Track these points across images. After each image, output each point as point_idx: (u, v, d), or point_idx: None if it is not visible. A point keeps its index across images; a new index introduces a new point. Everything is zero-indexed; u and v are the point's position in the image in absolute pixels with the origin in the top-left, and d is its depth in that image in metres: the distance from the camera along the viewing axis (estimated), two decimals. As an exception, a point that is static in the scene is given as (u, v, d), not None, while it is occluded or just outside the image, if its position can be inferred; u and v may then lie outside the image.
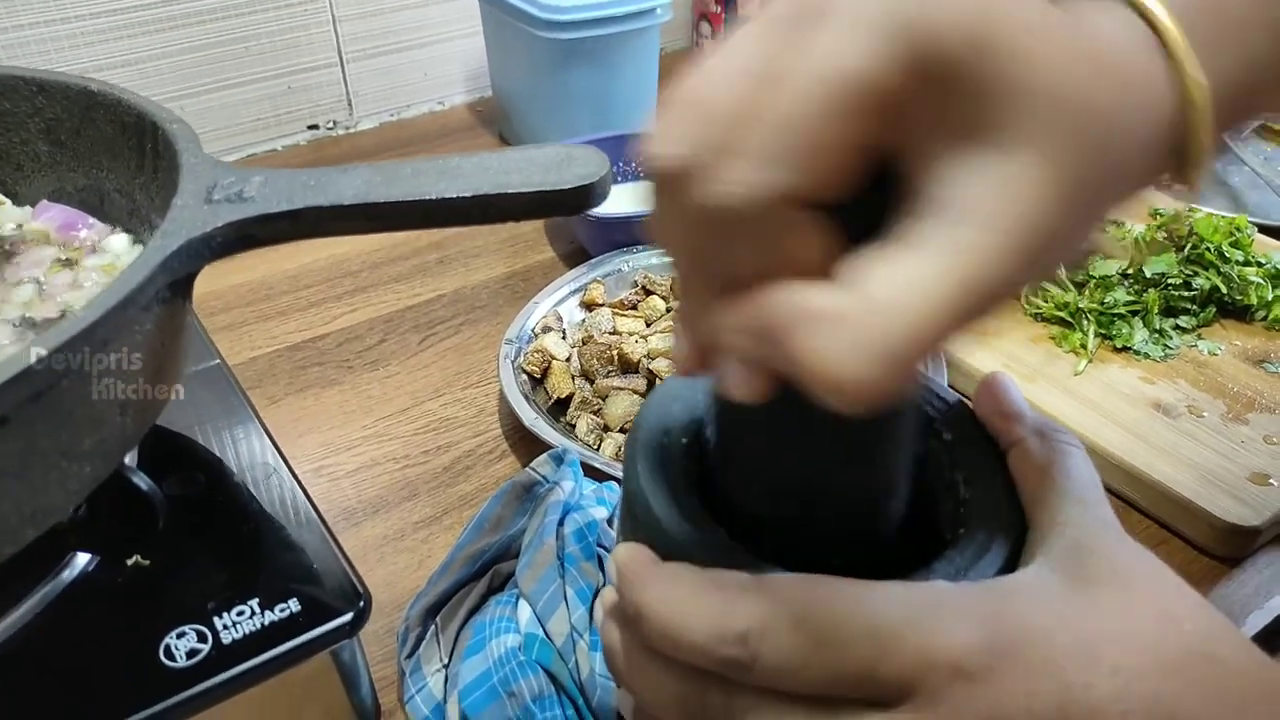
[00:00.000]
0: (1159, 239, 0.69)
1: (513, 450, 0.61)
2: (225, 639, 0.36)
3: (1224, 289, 0.67)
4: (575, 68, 0.88)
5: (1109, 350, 0.65)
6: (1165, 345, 0.65)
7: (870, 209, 0.22)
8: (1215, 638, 0.26)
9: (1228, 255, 0.68)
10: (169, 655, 0.35)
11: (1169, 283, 0.67)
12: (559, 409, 0.62)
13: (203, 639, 0.36)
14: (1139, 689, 0.24)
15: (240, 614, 0.37)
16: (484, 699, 0.40)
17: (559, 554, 0.43)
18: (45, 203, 0.47)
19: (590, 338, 0.65)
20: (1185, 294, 0.67)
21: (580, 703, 0.39)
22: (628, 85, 0.91)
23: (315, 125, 1.04)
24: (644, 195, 0.23)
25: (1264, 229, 0.75)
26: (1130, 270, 0.68)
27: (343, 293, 0.77)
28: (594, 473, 0.53)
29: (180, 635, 0.36)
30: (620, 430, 0.59)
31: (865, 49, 0.20)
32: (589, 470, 0.52)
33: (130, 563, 0.39)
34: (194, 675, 0.35)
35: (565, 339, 0.67)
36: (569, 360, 0.65)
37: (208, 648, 0.36)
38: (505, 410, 0.63)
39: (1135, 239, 0.69)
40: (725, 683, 0.26)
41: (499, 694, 0.39)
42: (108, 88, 0.44)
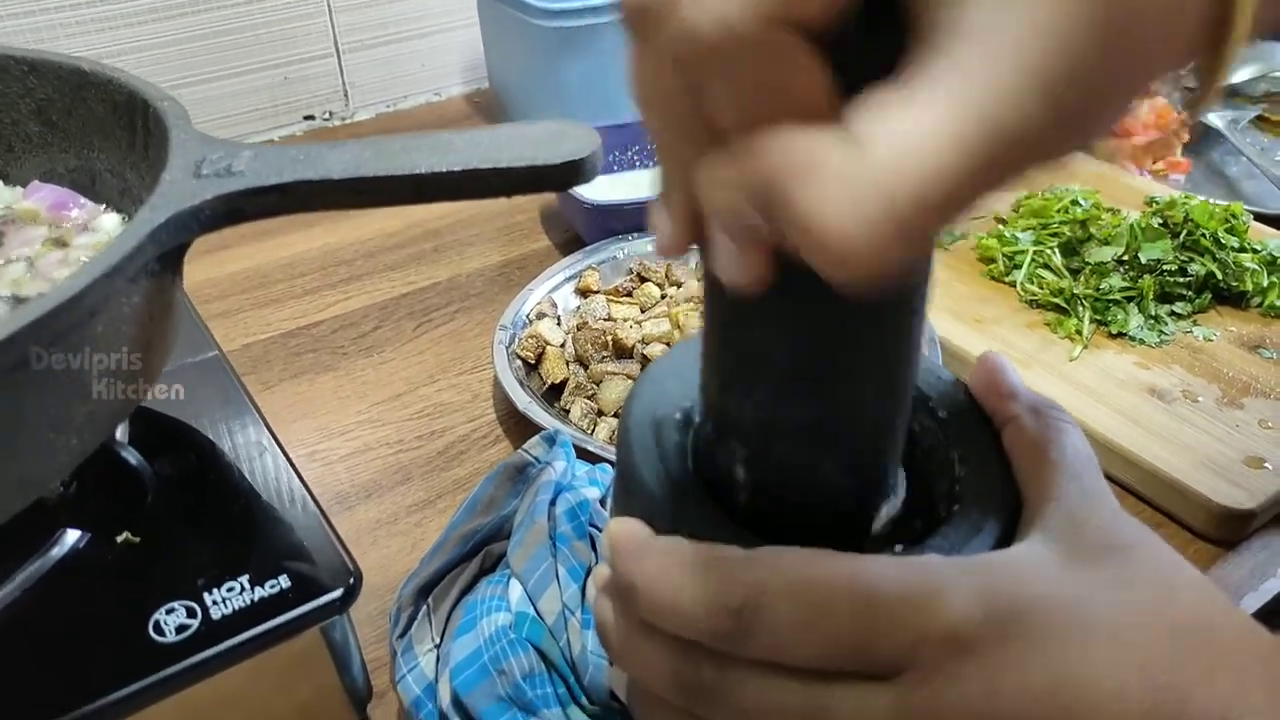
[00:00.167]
0: (1154, 225, 0.68)
1: (506, 435, 0.61)
2: (215, 614, 0.36)
3: (1220, 275, 0.67)
4: (572, 57, 0.88)
5: (1104, 336, 0.65)
6: (1160, 331, 0.65)
7: (870, 40, 0.19)
8: (1211, 609, 0.26)
9: (1223, 241, 0.68)
10: (158, 630, 0.35)
11: (1164, 269, 0.67)
12: (553, 394, 0.62)
13: (192, 615, 0.36)
14: (1135, 660, 0.24)
15: (230, 590, 0.37)
16: (475, 677, 0.39)
17: (550, 533, 0.43)
18: (36, 183, 0.46)
19: (585, 323, 0.65)
20: (1181, 280, 0.67)
21: (571, 680, 0.39)
22: (622, 75, 0.91)
23: (311, 116, 1.04)
24: (624, 45, 0.20)
25: (1259, 217, 0.74)
26: (1126, 256, 0.68)
27: (337, 280, 0.77)
28: (588, 456, 0.53)
29: (170, 611, 0.36)
30: (614, 415, 0.59)
31: None
32: (583, 454, 0.52)
33: (120, 539, 0.39)
34: (183, 650, 0.35)
35: (560, 325, 0.67)
36: (563, 346, 0.65)
37: (197, 623, 0.36)
38: (499, 396, 0.63)
39: (1131, 226, 0.69)
40: (719, 656, 0.26)
41: (490, 672, 0.39)
42: (99, 67, 0.44)
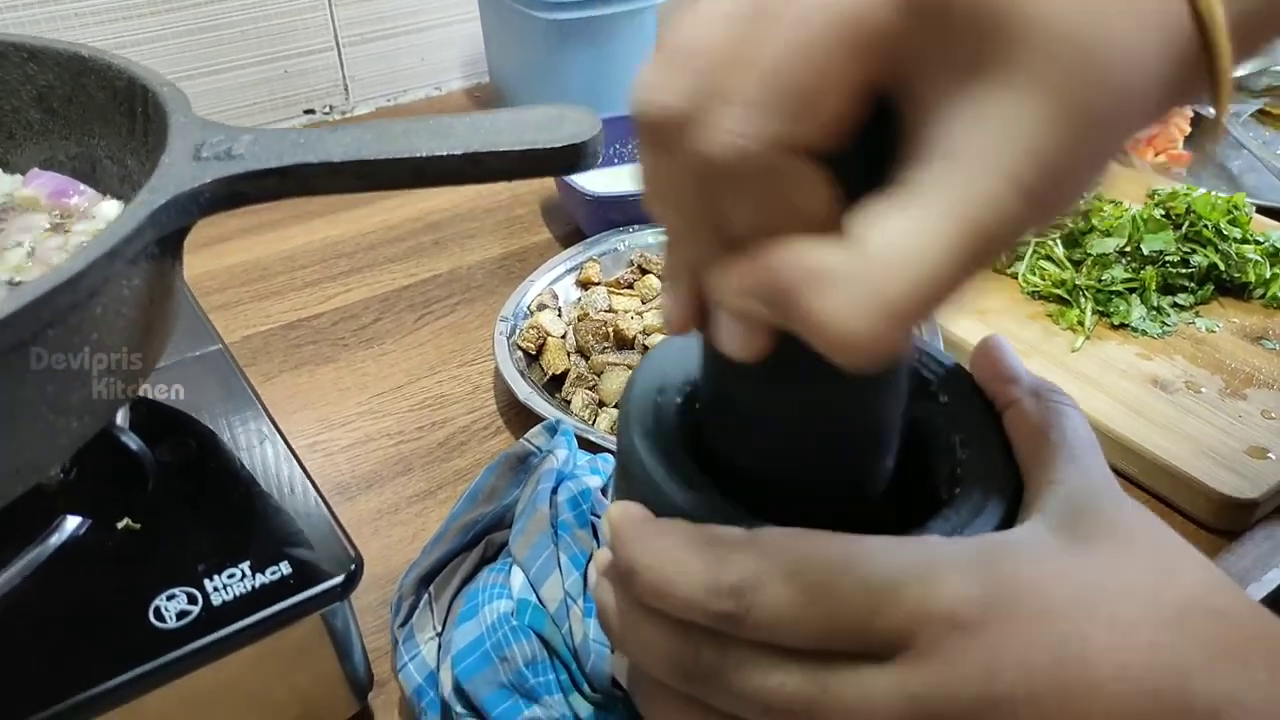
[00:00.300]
0: (1156, 217, 0.68)
1: (507, 426, 0.61)
2: (215, 600, 0.36)
3: (1222, 266, 0.67)
4: (572, 49, 0.88)
5: (1106, 327, 0.65)
6: (1163, 322, 0.65)
7: (869, 154, 0.22)
8: (1214, 590, 0.26)
9: (1226, 233, 0.68)
10: (159, 616, 0.35)
11: (1167, 260, 0.67)
12: (554, 385, 0.62)
13: (193, 600, 0.36)
14: (1137, 640, 0.24)
15: (231, 576, 0.37)
16: (477, 664, 0.39)
17: (552, 521, 0.43)
18: (36, 170, 0.46)
19: (586, 315, 0.64)
20: (1183, 271, 0.67)
21: (574, 667, 0.39)
22: (625, 66, 0.91)
23: (311, 109, 1.03)
24: (634, 148, 0.23)
25: (1262, 209, 0.74)
26: (1128, 248, 0.68)
27: (338, 273, 0.77)
28: (589, 446, 0.53)
29: (170, 597, 0.36)
30: (615, 406, 0.59)
31: None
32: (584, 444, 0.52)
33: (121, 526, 0.38)
34: (184, 636, 0.35)
35: (561, 317, 0.67)
36: (564, 337, 0.65)
37: (198, 609, 0.36)
38: (500, 387, 0.63)
39: (1133, 217, 0.69)
40: (719, 638, 0.26)
41: (492, 659, 0.39)
42: (98, 53, 0.44)
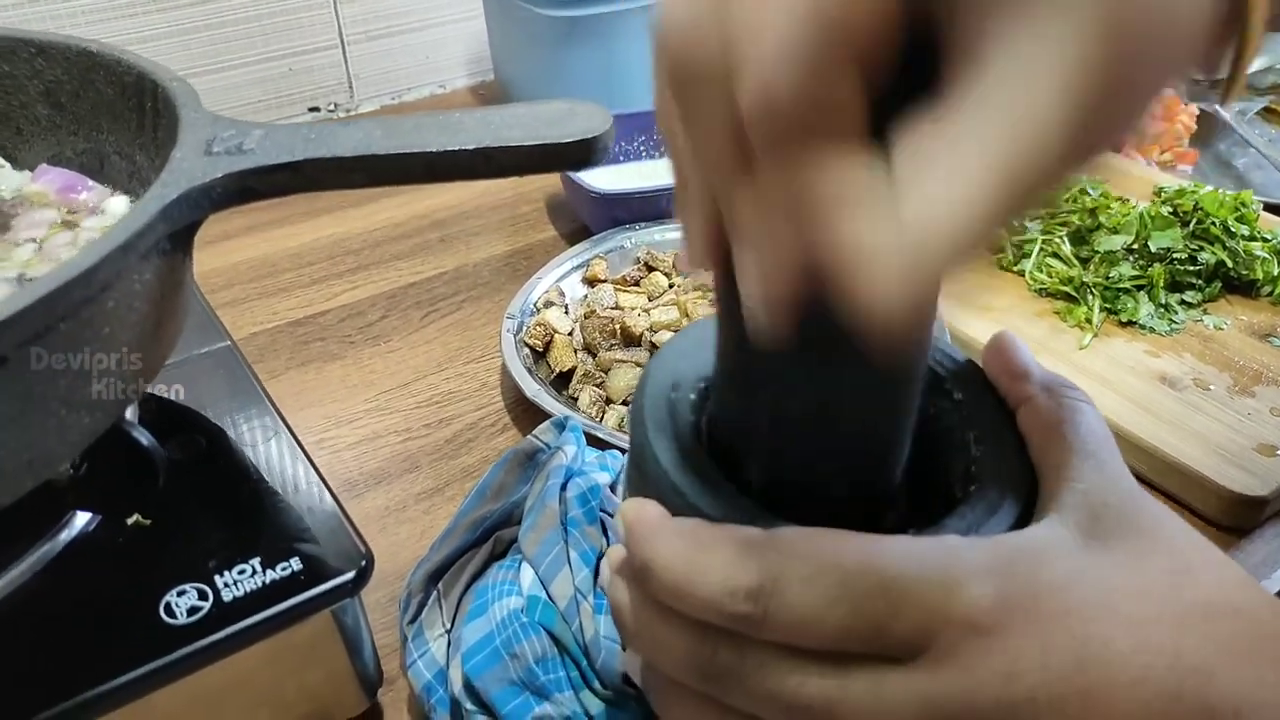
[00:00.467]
0: (1164, 214, 0.68)
1: (515, 423, 0.61)
2: (226, 596, 0.36)
3: (1230, 264, 0.66)
4: (578, 47, 0.88)
5: (1114, 325, 0.65)
6: (1171, 320, 0.64)
7: (907, 84, 0.20)
8: (1235, 589, 0.26)
9: (1233, 230, 0.68)
10: (169, 612, 0.35)
11: (1174, 257, 0.67)
12: (561, 382, 0.61)
13: (203, 597, 0.36)
14: (1157, 642, 0.24)
15: (241, 572, 0.37)
16: (487, 661, 0.39)
17: (562, 518, 0.43)
18: (44, 166, 0.46)
19: (593, 311, 0.64)
20: (1191, 269, 0.67)
21: (584, 664, 0.39)
22: (630, 64, 0.91)
23: (316, 107, 1.03)
24: (653, 78, 0.21)
25: (1268, 207, 0.74)
26: (1135, 245, 0.68)
27: (344, 270, 0.77)
28: (597, 443, 0.53)
29: (181, 593, 0.36)
30: (623, 403, 0.59)
31: None
32: (592, 440, 0.52)
33: (130, 522, 0.38)
34: (194, 632, 0.35)
35: (568, 314, 0.67)
36: (571, 334, 0.64)
37: (208, 605, 0.35)
38: (507, 384, 0.63)
39: (1140, 214, 0.68)
40: (736, 638, 0.26)
41: (502, 656, 0.39)
42: (107, 48, 0.44)
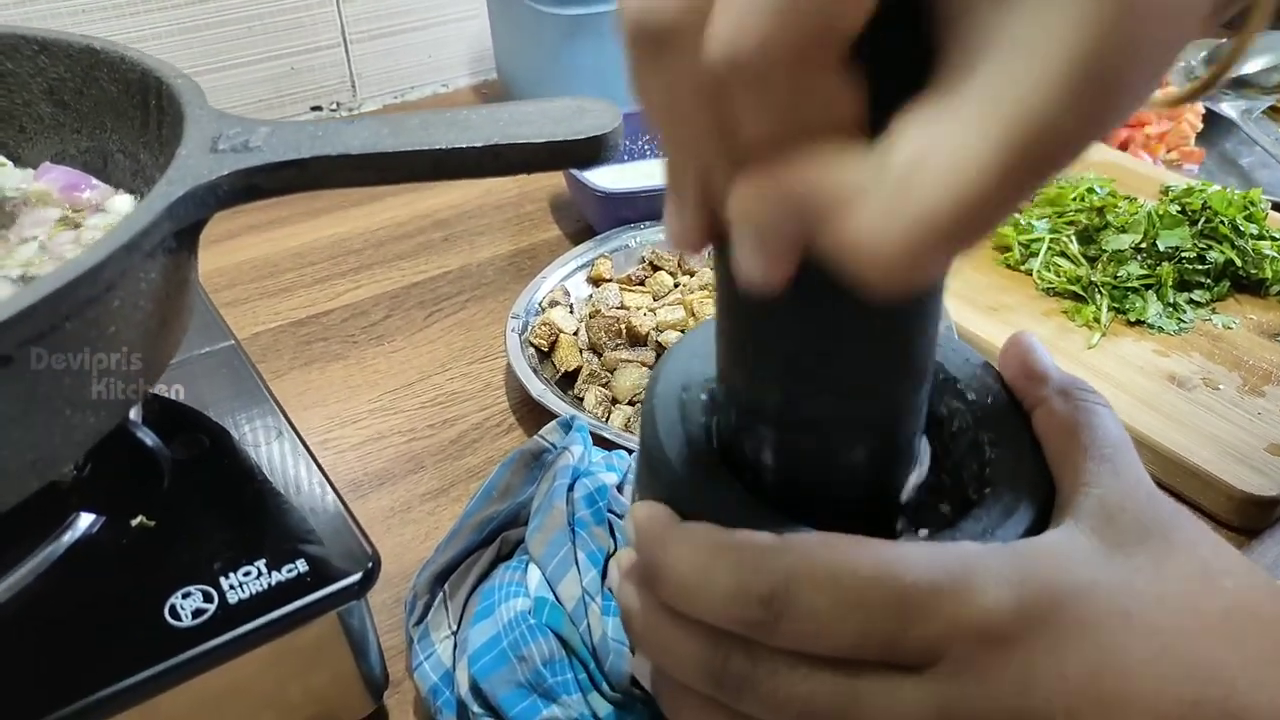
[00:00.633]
0: (1172, 213, 0.68)
1: (520, 424, 0.60)
2: (231, 599, 0.35)
3: (1239, 263, 0.66)
4: (582, 45, 0.87)
5: (1122, 324, 0.64)
6: (1179, 319, 0.64)
7: (901, 52, 0.19)
8: (1256, 593, 0.25)
9: (1242, 229, 0.67)
10: (174, 615, 0.35)
11: (1183, 256, 0.66)
12: (566, 382, 0.61)
13: (209, 599, 0.35)
14: (1177, 650, 0.23)
15: (247, 574, 0.36)
16: (494, 663, 0.39)
17: (569, 518, 0.43)
18: (47, 164, 0.46)
19: (598, 311, 0.64)
20: (1199, 268, 0.66)
21: (592, 666, 0.39)
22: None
23: (318, 107, 1.03)
24: (625, 57, 0.19)
25: (1277, 206, 0.74)
26: (1143, 244, 0.67)
27: (347, 270, 0.76)
28: (603, 443, 0.52)
29: (186, 595, 0.35)
30: (629, 403, 0.58)
31: None
32: (598, 440, 0.52)
33: (135, 523, 0.38)
34: (199, 634, 0.34)
35: (573, 313, 0.66)
36: (576, 334, 0.64)
37: (214, 607, 0.35)
38: (512, 384, 0.63)
39: (1148, 213, 0.68)
40: (749, 644, 0.25)
41: (509, 658, 0.39)
42: (110, 45, 0.44)
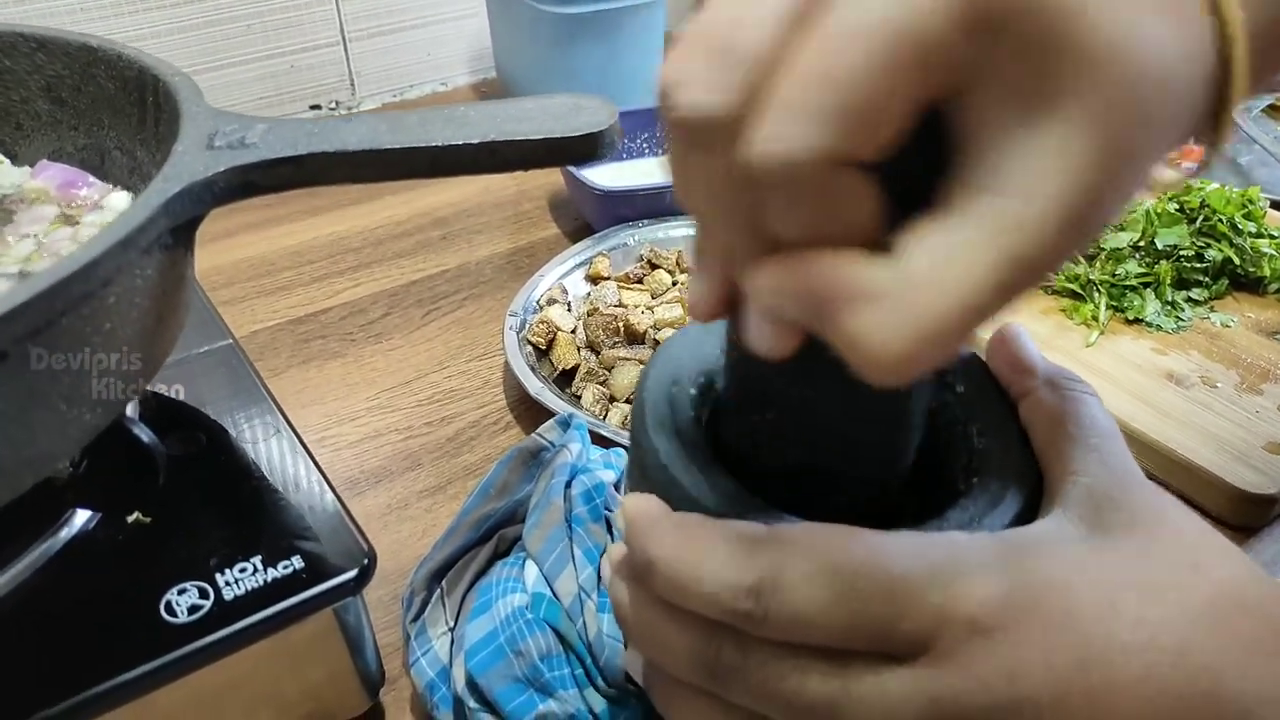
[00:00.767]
0: (1170, 211, 0.68)
1: (517, 421, 0.60)
2: (227, 595, 0.35)
3: (1237, 261, 0.66)
4: (580, 44, 0.87)
5: (1120, 322, 0.64)
6: (1177, 317, 0.64)
7: (915, 162, 0.21)
8: (1244, 584, 0.25)
9: (1240, 227, 0.67)
10: (170, 611, 0.35)
11: (1181, 255, 0.66)
12: (564, 380, 0.61)
13: (204, 595, 0.35)
14: (1164, 640, 0.23)
15: (243, 571, 0.36)
16: (491, 658, 0.39)
17: (566, 515, 0.43)
18: (44, 162, 0.46)
19: (596, 309, 0.64)
20: (1197, 266, 0.66)
21: (588, 662, 0.39)
22: (633, 62, 0.90)
23: (317, 105, 1.03)
24: (663, 144, 0.22)
25: (1275, 204, 0.74)
26: (1142, 242, 0.67)
27: (345, 268, 0.76)
28: (601, 440, 0.52)
29: (182, 591, 0.35)
30: (626, 400, 0.58)
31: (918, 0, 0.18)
32: (596, 438, 0.52)
33: (131, 519, 0.38)
34: (195, 631, 0.34)
35: (571, 311, 0.66)
36: (574, 332, 0.64)
37: (209, 604, 0.35)
38: (510, 382, 0.63)
39: (1147, 211, 0.68)
40: (739, 636, 0.25)
41: (506, 653, 0.39)
42: (108, 43, 0.44)
